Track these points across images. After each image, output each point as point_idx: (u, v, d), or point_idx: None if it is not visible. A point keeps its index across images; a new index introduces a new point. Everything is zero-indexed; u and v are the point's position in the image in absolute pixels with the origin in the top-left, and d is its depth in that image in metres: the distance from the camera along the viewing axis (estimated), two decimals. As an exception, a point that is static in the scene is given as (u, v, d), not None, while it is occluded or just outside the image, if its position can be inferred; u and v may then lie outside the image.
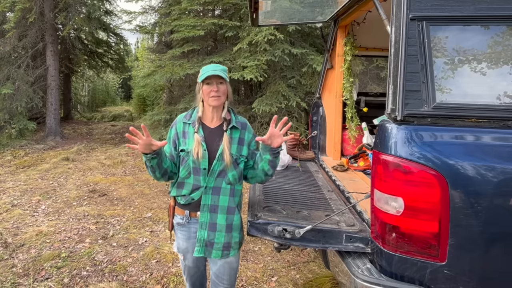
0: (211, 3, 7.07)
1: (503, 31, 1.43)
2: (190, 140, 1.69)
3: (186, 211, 1.74)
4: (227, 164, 1.65)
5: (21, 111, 8.33)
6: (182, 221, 1.76)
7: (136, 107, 17.42)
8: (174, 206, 1.79)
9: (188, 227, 1.76)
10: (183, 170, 1.70)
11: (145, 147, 1.53)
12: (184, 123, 1.74)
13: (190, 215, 1.74)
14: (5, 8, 8.37)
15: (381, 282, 1.40)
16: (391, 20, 1.50)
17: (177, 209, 1.78)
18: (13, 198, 4.61)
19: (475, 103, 1.38)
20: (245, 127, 1.78)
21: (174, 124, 1.78)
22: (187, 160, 1.68)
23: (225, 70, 1.69)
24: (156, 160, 1.59)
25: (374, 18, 2.70)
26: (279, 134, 1.59)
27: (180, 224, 1.77)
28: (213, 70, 1.63)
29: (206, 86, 1.65)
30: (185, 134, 1.72)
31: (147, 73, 7.76)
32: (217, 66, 1.69)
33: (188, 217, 1.74)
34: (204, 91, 1.67)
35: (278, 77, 6.63)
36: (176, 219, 1.79)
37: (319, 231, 1.60)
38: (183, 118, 1.76)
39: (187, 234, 1.78)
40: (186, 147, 1.69)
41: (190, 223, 1.75)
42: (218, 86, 1.65)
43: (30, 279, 2.71)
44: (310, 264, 2.99)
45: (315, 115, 3.39)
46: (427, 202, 1.32)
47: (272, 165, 1.69)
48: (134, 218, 4.00)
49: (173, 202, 1.80)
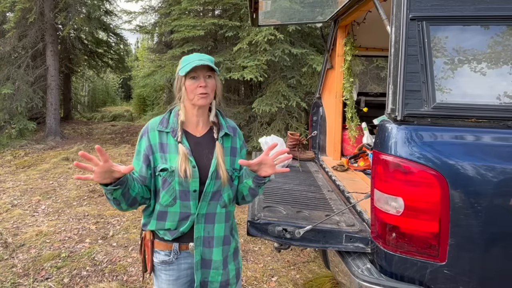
0: (211, 3, 7.07)
1: (503, 31, 1.43)
2: (172, 155, 1.29)
3: (174, 244, 1.34)
4: (223, 182, 1.32)
5: (21, 111, 8.34)
6: (169, 257, 1.35)
7: (136, 107, 17.43)
8: (152, 240, 1.36)
9: (177, 264, 1.36)
10: (166, 196, 1.30)
11: (103, 175, 1.10)
12: (159, 132, 1.32)
13: (180, 248, 1.35)
14: (5, 8, 8.37)
15: (381, 282, 1.40)
16: (391, 20, 1.50)
17: (159, 243, 1.36)
18: (13, 198, 4.61)
19: (475, 103, 1.38)
20: (236, 132, 1.44)
21: (145, 133, 1.33)
22: (171, 182, 1.29)
23: (212, 60, 1.34)
24: (120, 191, 1.17)
25: (374, 18, 2.70)
26: (272, 164, 1.27)
27: (166, 262, 1.35)
28: (199, 59, 1.27)
29: (191, 81, 1.29)
30: (163, 147, 1.31)
31: (147, 73, 7.76)
32: (202, 55, 1.32)
33: (178, 252, 1.35)
34: (188, 87, 1.29)
35: (278, 77, 6.63)
36: (158, 256, 1.36)
37: (319, 231, 1.60)
38: (158, 125, 1.33)
39: (175, 273, 1.37)
40: (169, 164, 1.29)
41: (179, 259, 1.36)
42: (206, 80, 1.30)
43: (30, 279, 2.71)
44: (310, 264, 2.99)
45: (315, 115, 3.39)
46: (427, 202, 1.32)
47: (252, 193, 1.39)
48: (134, 218, 4.00)
49: (150, 235, 1.36)
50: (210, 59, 1.32)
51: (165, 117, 1.37)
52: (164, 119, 1.36)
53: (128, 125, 12.96)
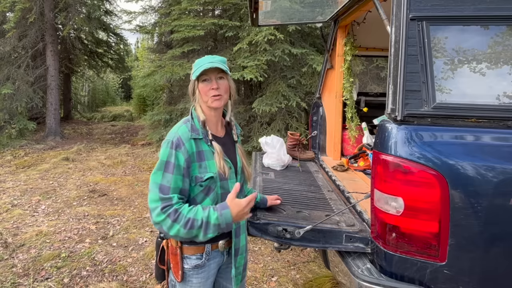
0: (211, 3, 7.07)
1: (503, 31, 1.43)
2: (210, 162, 1.30)
3: (206, 246, 1.36)
4: (247, 178, 1.46)
5: (21, 111, 8.35)
6: (201, 261, 1.36)
7: (136, 107, 17.42)
8: (180, 246, 1.35)
9: (208, 265, 1.38)
10: (208, 201, 1.32)
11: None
12: (195, 140, 1.30)
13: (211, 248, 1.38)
14: (5, 8, 8.38)
15: (381, 282, 1.40)
16: (391, 20, 1.50)
17: (188, 249, 1.35)
18: (13, 198, 4.61)
19: (475, 103, 1.38)
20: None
21: (180, 145, 1.26)
22: (215, 188, 1.32)
23: (224, 61, 1.35)
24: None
25: (374, 18, 2.70)
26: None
27: (199, 266, 1.36)
28: (210, 62, 1.29)
29: (203, 84, 1.32)
30: (201, 155, 1.30)
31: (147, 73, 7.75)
32: (213, 57, 1.33)
33: (209, 252, 1.37)
34: (201, 90, 1.32)
35: (278, 77, 6.62)
36: (189, 262, 1.36)
37: (319, 231, 1.60)
38: (190, 133, 1.30)
39: (206, 275, 1.39)
40: (213, 171, 1.30)
41: (210, 260, 1.39)
42: (218, 82, 1.32)
43: (30, 279, 2.71)
44: (310, 264, 2.99)
45: (315, 115, 3.39)
46: (427, 202, 1.32)
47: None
48: (134, 218, 4.00)
49: (176, 241, 1.35)
50: (222, 60, 1.34)
51: (192, 123, 1.34)
52: (192, 125, 1.33)
53: (128, 125, 12.97)
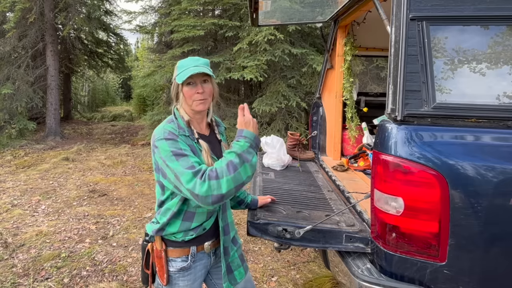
0: (211, 3, 7.08)
1: (503, 31, 1.43)
2: (200, 159, 1.30)
3: (191, 248, 1.36)
4: None
5: (21, 111, 8.35)
6: (187, 263, 1.35)
7: (136, 107, 17.42)
8: (165, 249, 1.34)
9: (194, 267, 1.38)
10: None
11: None
12: (185, 136, 1.30)
13: (197, 250, 1.38)
14: (5, 8, 8.38)
15: (381, 282, 1.40)
16: (391, 20, 1.50)
17: (173, 251, 1.35)
18: (13, 198, 4.61)
19: (475, 103, 1.38)
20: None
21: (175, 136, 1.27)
22: None
23: (208, 63, 1.34)
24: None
25: (374, 18, 2.70)
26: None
27: (185, 268, 1.35)
28: (195, 66, 1.28)
29: (188, 87, 1.30)
30: (193, 150, 1.31)
31: (147, 73, 7.77)
32: (197, 60, 1.33)
33: (195, 254, 1.37)
34: (185, 94, 1.31)
35: (278, 77, 6.63)
36: (175, 264, 1.35)
37: (319, 231, 1.60)
38: (176, 130, 1.29)
39: (192, 277, 1.38)
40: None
41: (195, 261, 1.38)
42: (203, 86, 1.31)
43: (30, 279, 2.71)
44: (310, 264, 2.99)
45: (315, 115, 3.39)
46: (427, 202, 1.32)
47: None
48: (134, 218, 4.00)
49: (161, 244, 1.34)
50: (206, 63, 1.34)
51: (176, 122, 1.32)
52: (177, 124, 1.31)
53: (128, 125, 12.97)
